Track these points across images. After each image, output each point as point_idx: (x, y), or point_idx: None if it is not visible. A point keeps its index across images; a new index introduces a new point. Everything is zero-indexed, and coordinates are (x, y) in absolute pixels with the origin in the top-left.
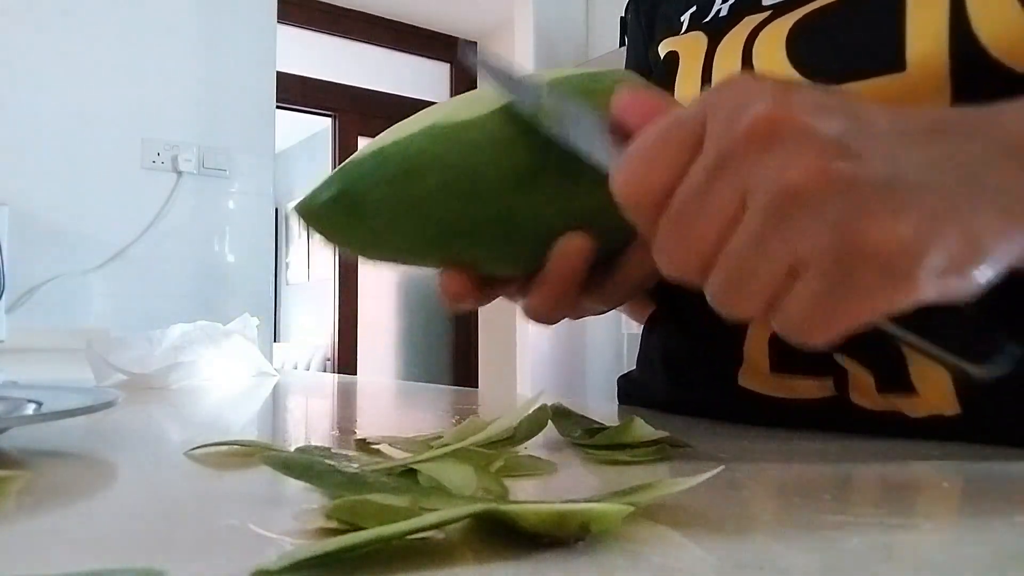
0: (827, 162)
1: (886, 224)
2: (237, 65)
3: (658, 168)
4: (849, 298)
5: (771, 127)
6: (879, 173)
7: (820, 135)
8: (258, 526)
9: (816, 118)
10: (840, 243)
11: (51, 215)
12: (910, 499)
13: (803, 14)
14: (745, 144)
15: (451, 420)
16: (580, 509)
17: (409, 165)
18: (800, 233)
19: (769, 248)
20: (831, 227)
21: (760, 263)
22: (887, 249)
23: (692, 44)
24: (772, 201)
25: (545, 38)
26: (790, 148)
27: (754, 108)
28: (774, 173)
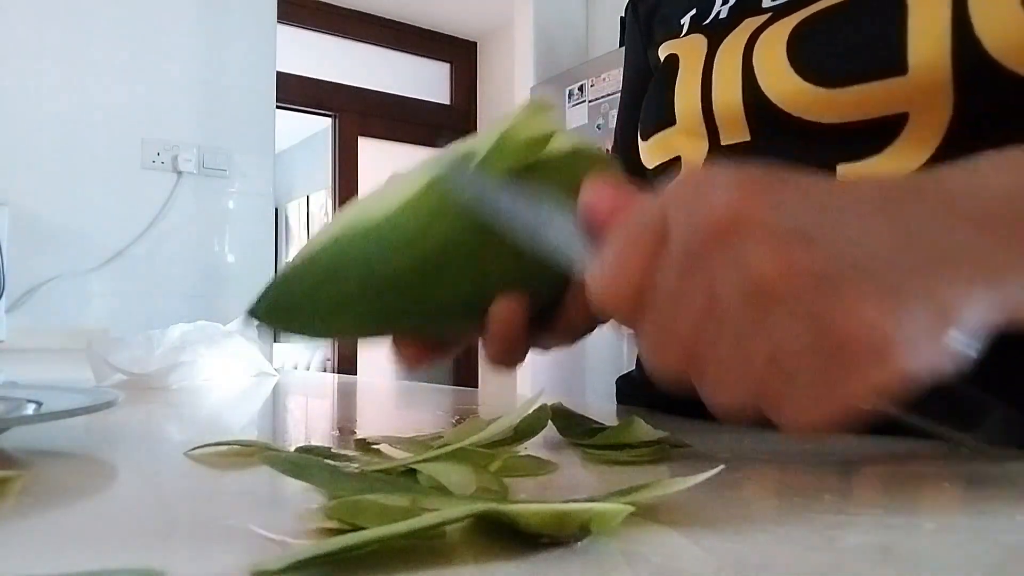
0: (788, 255)
1: (852, 309)
2: (237, 65)
3: (628, 272)
4: (832, 382)
5: (730, 223)
6: (840, 258)
7: (777, 226)
8: (258, 526)
9: (772, 208)
10: (814, 333)
11: (51, 215)
12: (910, 499)
13: (804, 17)
14: (706, 241)
15: (451, 420)
16: (580, 509)
17: (330, 269)
18: (773, 327)
19: (749, 345)
20: (803, 318)
21: (739, 357)
22: (858, 333)
23: (692, 46)
24: (744, 297)
25: (545, 38)
26: (751, 243)
27: (712, 203)
28: (740, 270)
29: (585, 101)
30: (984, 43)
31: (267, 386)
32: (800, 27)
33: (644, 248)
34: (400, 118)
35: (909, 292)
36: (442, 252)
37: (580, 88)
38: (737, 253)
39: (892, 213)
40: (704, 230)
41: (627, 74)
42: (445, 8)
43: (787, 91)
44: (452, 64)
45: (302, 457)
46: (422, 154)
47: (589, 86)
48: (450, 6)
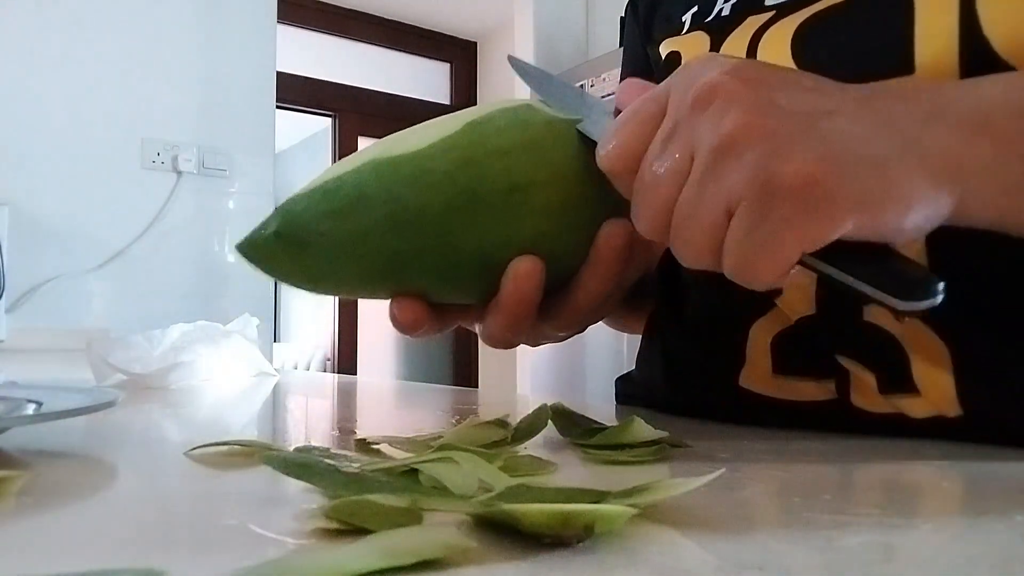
0: (752, 115)
1: (800, 161)
2: (237, 65)
3: (630, 139)
4: (775, 232)
5: (711, 92)
6: (800, 124)
7: (751, 95)
8: (258, 526)
9: (752, 83)
10: (760, 180)
11: (51, 215)
12: (910, 499)
13: (809, 15)
14: (691, 109)
15: (451, 420)
16: (584, 510)
17: (352, 199)
18: (729, 177)
19: (707, 193)
20: (753, 167)
21: (701, 208)
22: (799, 182)
23: (694, 44)
24: (708, 153)
25: (545, 38)
26: (724, 107)
27: (703, 77)
28: (710, 127)
29: None
30: (992, 43)
31: (267, 386)
32: (804, 26)
33: (644, 118)
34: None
35: (861, 158)
36: (472, 197)
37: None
38: (712, 116)
39: (872, 105)
40: (691, 98)
41: (625, 72)
42: (445, 8)
43: None
44: (452, 64)
45: (302, 457)
46: None
47: (589, 86)
48: (450, 6)
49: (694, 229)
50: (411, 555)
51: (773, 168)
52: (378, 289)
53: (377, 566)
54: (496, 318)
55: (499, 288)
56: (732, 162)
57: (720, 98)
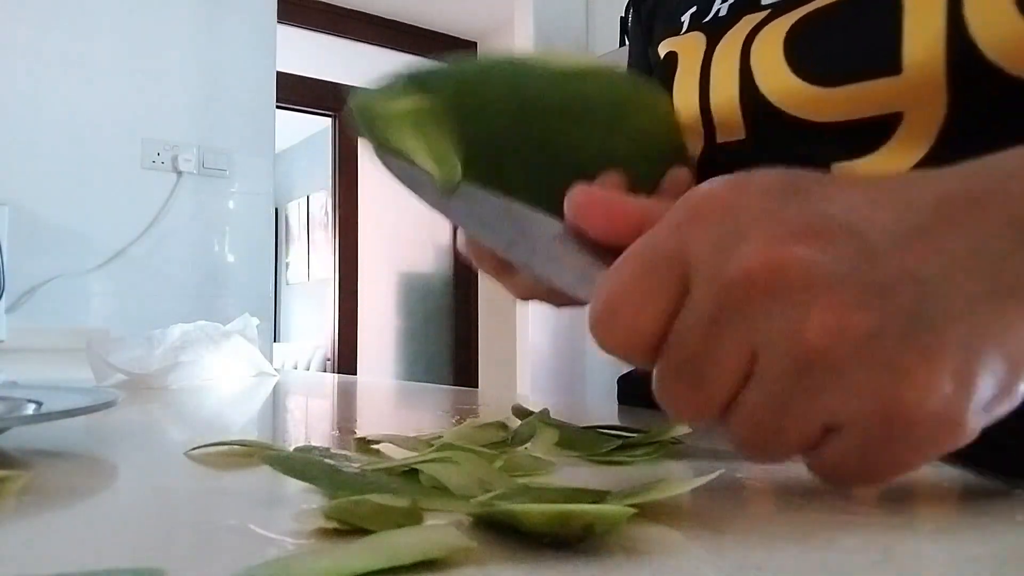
0: (839, 313)
1: (923, 379)
2: (237, 65)
3: (642, 317)
4: (894, 452)
5: (770, 274)
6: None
7: (827, 276)
8: (258, 526)
9: (816, 250)
10: (877, 406)
11: (51, 215)
12: (910, 499)
13: (802, 15)
14: (743, 295)
15: (451, 420)
16: (584, 510)
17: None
18: (830, 393)
19: (796, 408)
20: (864, 387)
21: (787, 422)
22: (932, 408)
23: (691, 44)
24: (792, 362)
25: (545, 38)
26: (797, 299)
27: (745, 250)
28: (787, 331)
29: None
30: (979, 44)
31: (267, 386)
32: (797, 25)
33: (662, 292)
34: None
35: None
36: (584, 103)
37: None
38: (780, 310)
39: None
40: (738, 285)
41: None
42: (445, 8)
43: (783, 89)
44: None
45: (302, 457)
46: None
47: None
48: (450, 6)
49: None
50: (411, 555)
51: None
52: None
53: (377, 566)
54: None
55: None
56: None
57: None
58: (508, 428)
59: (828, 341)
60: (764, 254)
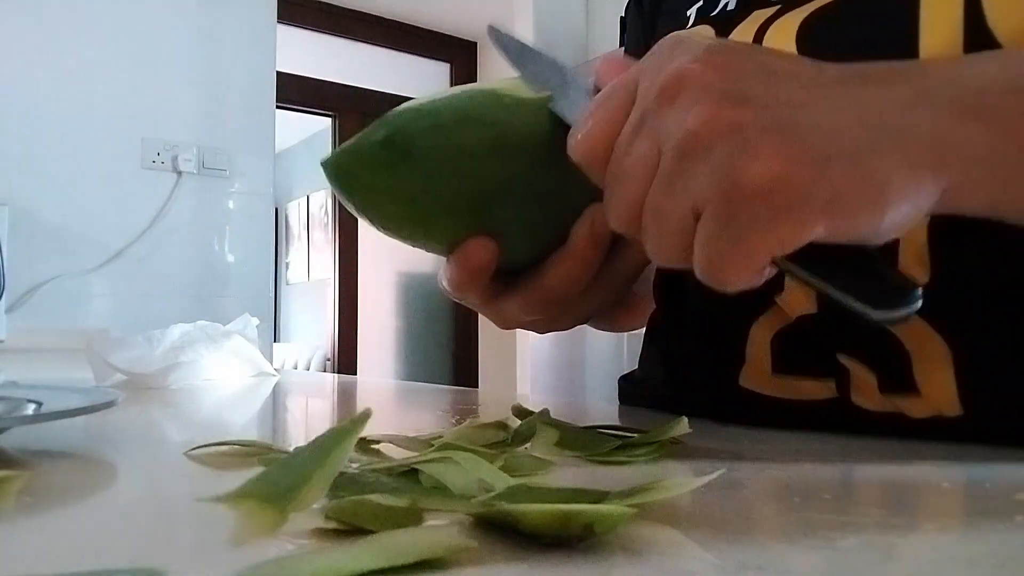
0: (719, 109)
1: (767, 161)
2: (237, 65)
3: (599, 129)
4: (742, 235)
5: (678, 81)
6: (768, 117)
7: (719, 85)
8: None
9: (721, 71)
10: (726, 182)
11: (51, 215)
12: (910, 499)
13: (814, 8)
14: (658, 100)
15: (451, 420)
16: (584, 510)
17: (459, 117)
18: (694, 176)
19: (673, 193)
20: (718, 168)
21: (667, 208)
22: (766, 184)
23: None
24: (674, 150)
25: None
26: (691, 99)
27: (671, 65)
28: (676, 122)
29: None
30: (997, 36)
31: (267, 386)
32: (810, 20)
33: (615, 106)
34: None
35: (831, 156)
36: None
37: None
38: (678, 109)
39: (851, 91)
40: (658, 89)
41: None
42: (445, 8)
43: None
44: (452, 64)
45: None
46: None
47: None
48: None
49: (662, 229)
50: (411, 555)
51: (739, 168)
52: (459, 219)
53: (377, 566)
54: (562, 267)
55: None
56: (698, 161)
57: (687, 89)
58: (508, 428)
59: (701, 127)
60: (680, 67)
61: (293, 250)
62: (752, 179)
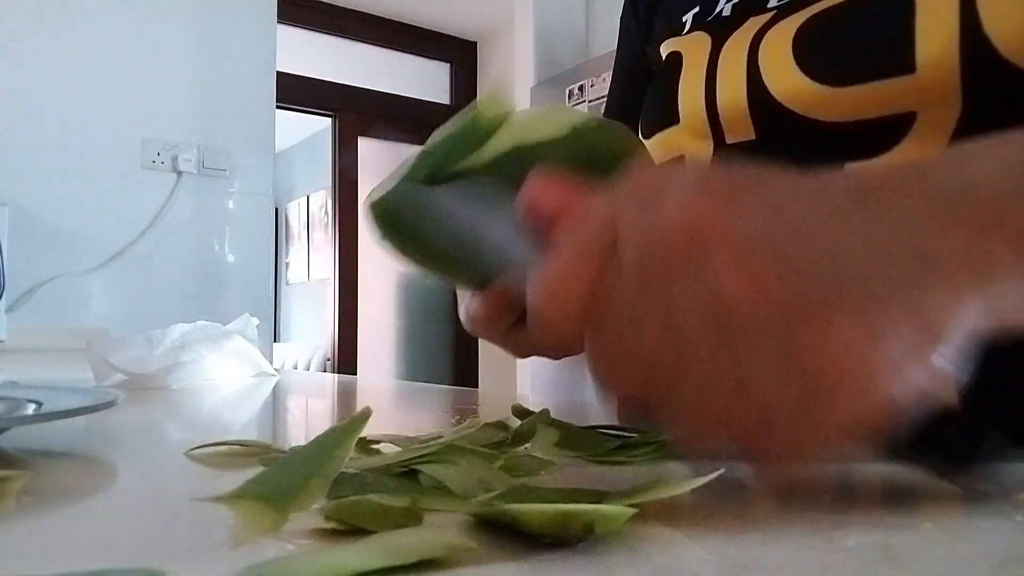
0: (753, 272)
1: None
2: (237, 65)
3: (574, 284)
4: (808, 417)
5: (688, 235)
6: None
7: (740, 239)
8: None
9: (733, 217)
10: (785, 360)
11: (51, 215)
12: (910, 499)
13: (810, 15)
14: (663, 256)
15: (451, 420)
16: (584, 510)
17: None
18: (738, 354)
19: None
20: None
21: (704, 387)
22: (835, 358)
23: (695, 44)
24: (705, 322)
25: (545, 39)
26: (711, 259)
27: (667, 213)
28: (701, 290)
29: (585, 101)
30: (993, 41)
31: (267, 386)
32: (806, 26)
33: (592, 258)
34: (400, 118)
35: (891, 307)
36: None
37: (580, 88)
38: (697, 270)
39: (870, 212)
40: (660, 243)
41: (617, 75)
42: (445, 8)
43: (793, 90)
44: (452, 64)
45: None
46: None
47: (589, 86)
48: (450, 6)
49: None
50: (411, 555)
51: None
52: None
53: (377, 566)
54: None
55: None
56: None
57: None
58: (508, 428)
59: (740, 296)
60: (684, 215)
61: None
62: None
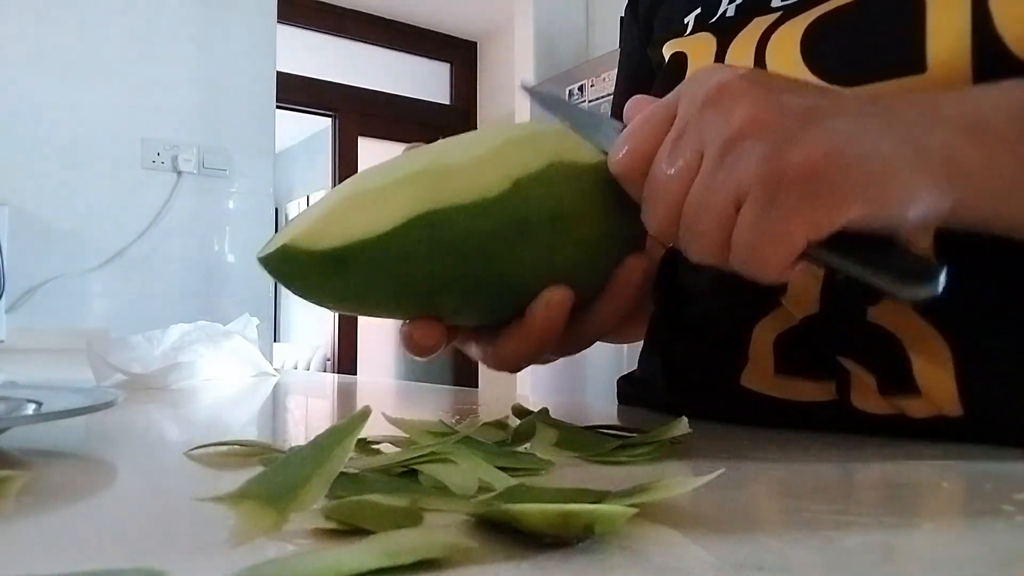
0: (761, 111)
1: (806, 152)
2: (237, 65)
3: (640, 143)
4: (782, 220)
5: (720, 92)
6: (806, 120)
7: (759, 94)
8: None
9: (759, 84)
10: (767, 171)
11: (51, 215)
12: (910, 499)
13: (818, 15)
14: (700, 109)
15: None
16: (584, 510)
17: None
18: (737, 169)
19: (715, 186)
20: (760, 159)
21: (710, 201)
22: (806, 171)
23: (700, 45)
24: (717, 147)
25: (545, 38)
26: (733, 104)
27: (712, 80)
28: (720, 122)
29: (585, 101)
30: (1005, 39)
31: (267, 386)
32: (814, 26)
33: (655, 123)
34: (400, 118)
35: (866, 149)
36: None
37: (580, 88)
38: (721, 113)
39: (873, 107)
40: (700, 99)
41: (622, 73)
42: (445, 8)
43: None
44: (452, 64)
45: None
46: None
47: (589, 86)
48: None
49: (704, 222)
50: (411, 555)
51: (780, 158)
52: (403, 310)
53: (377, 566)
54: (516, 343)
55: (520, 313)
56: (740, 154)
57: (728, 96)
58: (508, 428)
59: (745, 121)
60: (722, 81)
61: None
62: (791, 168)
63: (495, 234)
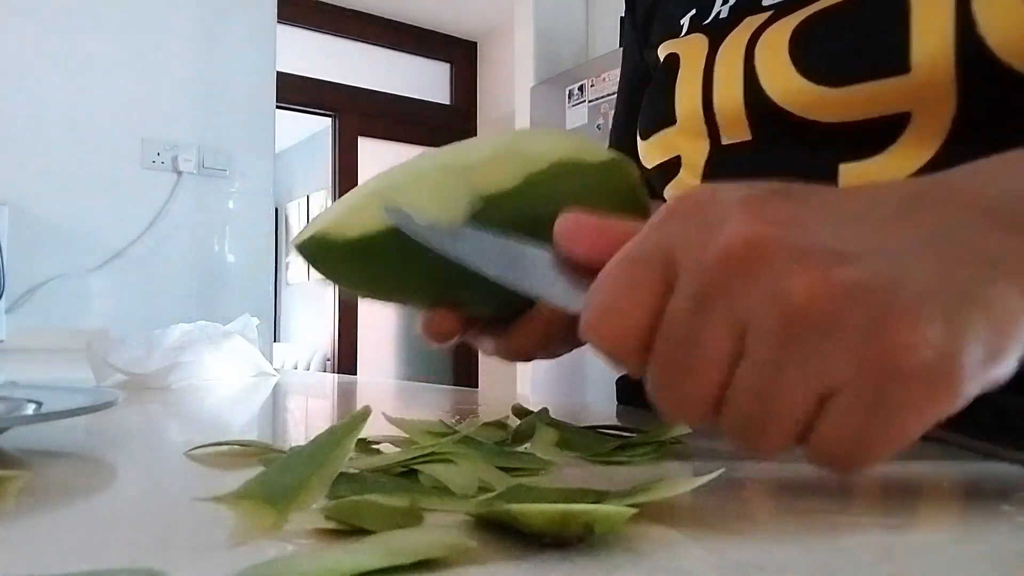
0: (824, 273)
1: (912, 330)
2: (237, 65)
3: (632, 312)
4: (892, 416)
5: (749, 250)
6: (881, 273)
7: (804, 246)
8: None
9: (792, 228)
10: (868, 361)
11: (51, 215)
12: (910, 499)
13: (806, 16)
14: (726, 272)
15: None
16: (584, 510)
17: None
18: (820, 357)
19: (789, 378)
20: (853, 345)
21: (781, 395)
22: (923, 358)
23: (693, 46)
24: (779, 327)
25: (545, 38)
26: (778, 267)
27: (724, 232)
28: (771, 297)
29: (585, 101)
30: (988, 41)
31: (267, 386)
32: (802, 26)
33: (649, 287)
34: (400, 118)
35: (965, 305)
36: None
37: (580, 88)
38: (764, 282)
39: (915, 218)
40: (720, 263)
41: (624, 75)
42: (445, 8)
43: (789, 90)
44: (452, 64)
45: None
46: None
47: (589, 86)
48: (450, 6)
49: (771, 419)
50: (411, 555)
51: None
52: (422, 298)
53: (377, 566)
54: (527, 334)
55: (532, 305)
56: (819, 338)
57: (764, 260)
58: (508, 428)
59: (814, 297)
60: (741, 232)
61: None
62: (902, 353)
63: (508, 227)
